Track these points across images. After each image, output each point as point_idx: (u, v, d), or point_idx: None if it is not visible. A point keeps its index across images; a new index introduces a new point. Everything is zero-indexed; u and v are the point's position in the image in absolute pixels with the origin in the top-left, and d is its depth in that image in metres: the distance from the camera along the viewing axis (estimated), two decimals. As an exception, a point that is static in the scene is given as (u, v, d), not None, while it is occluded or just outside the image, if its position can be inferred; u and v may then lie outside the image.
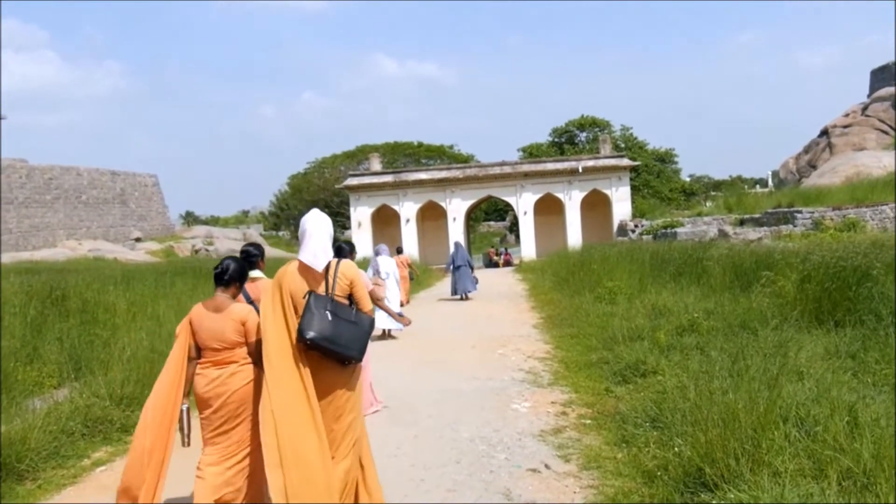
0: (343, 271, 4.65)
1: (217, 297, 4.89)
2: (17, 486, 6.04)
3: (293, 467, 4.24)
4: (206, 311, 4.83)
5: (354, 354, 4.49)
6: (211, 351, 4.77)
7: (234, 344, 4.74)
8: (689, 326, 10.02)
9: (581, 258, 23.27)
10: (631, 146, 59.21)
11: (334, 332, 4.39)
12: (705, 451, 4.90)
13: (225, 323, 4.75)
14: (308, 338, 4.32)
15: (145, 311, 13.31)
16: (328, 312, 4.43)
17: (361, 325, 4.56)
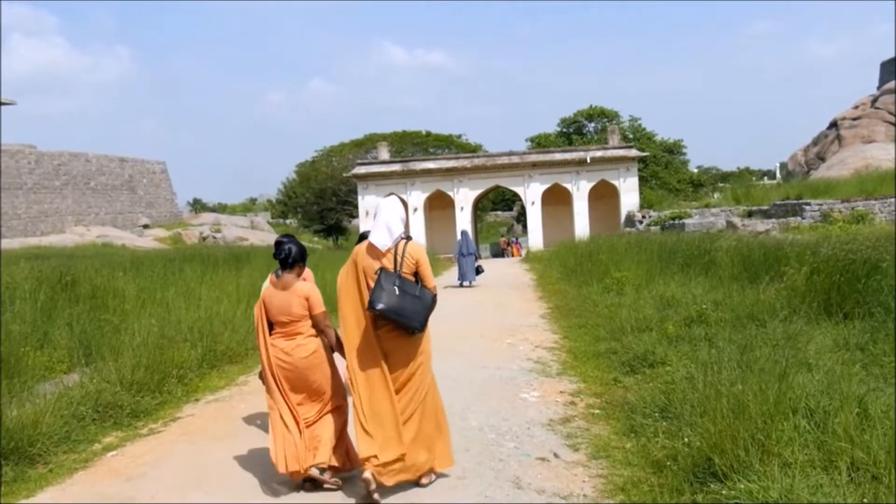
0: (410, 251, 5.26)
1: (284, 277, 5.53)
2: (28, 469, 6.08)
3: (371, 423, 5.07)
4: (275, 289, 5.52)
5: (417, 325, 5.11)
6: (280, 324, 5.46)
7: (299, 317, 5.41)
8: (697, 317, 10.02)
9: (589, 249, 23.26)
10: (639, 137, 59.07)
11: (400, 304, 5.02)
12: (714, 442, 4.90)
13: (291, 298, 5.42)
14: (377, 309, 4.98)
15: (154, 297, 13.35)
16: (396, 287, 5.06)
17: (424, 300, 5.17)
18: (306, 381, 5.41)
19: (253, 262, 20.75)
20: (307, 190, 60.32)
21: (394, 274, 5.14)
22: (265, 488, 5.49)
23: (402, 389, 5.23)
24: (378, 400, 5.15)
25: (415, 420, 5.24)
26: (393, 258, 5.21)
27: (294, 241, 5.72)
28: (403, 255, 5.22)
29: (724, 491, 4.41)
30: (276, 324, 5.49)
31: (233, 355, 10.55)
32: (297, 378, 5.40)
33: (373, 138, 65.28)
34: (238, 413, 7.85)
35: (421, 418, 5.26)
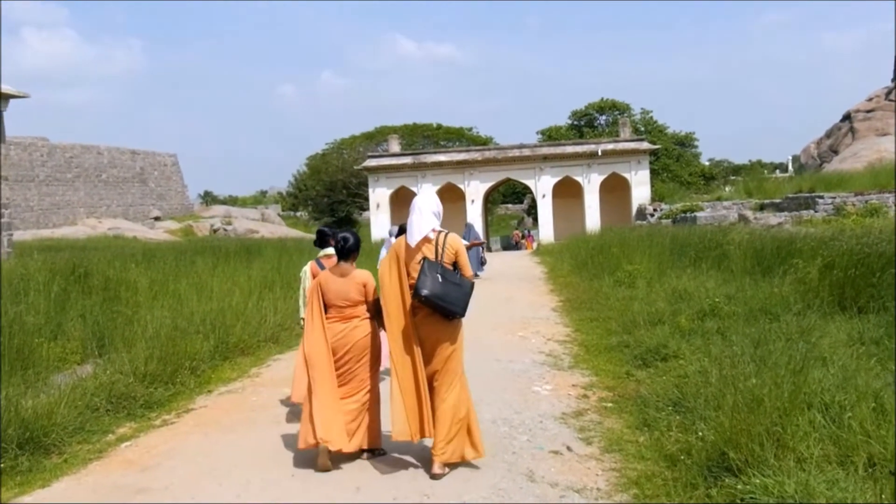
0: (450, 242, 5.63)
1: (342, 265, 5.94)
2: (43, 459, 6.11)
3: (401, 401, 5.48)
4: (333, 276, 5.90)
5: (458, 310, 5.49)
6: (337, 308, 5.85)
7: (356, 302, 5.85)
8: (709, 311, 9.98)
9: (600, 242, 23.21)
10: (651, 129, 58.81)
11: (443, 291, 5.38)
12: (729, 436, 4.88)
13: (350, 285, 5.85)
14: (423, 295, 5.32)
15: (166, 289, 13.40)
16: (439, 276, 5.42)
17: (464, 287, 5.55)
18: (357, 360, 5.84)
19: (264, 254, 20.78)
20: (318, 182, 60.41)
21: (437, 263, 5.51)
22: (284, 474, 5.51)
23: (437, 374, 5.60)
24: (412, 384, 5.53)
25: (447, 406, 5.54)
26: (434, 249, 5.57)
27: (352, 232, 6.14)
28: (444, 246, 5.59)
29: (739, 486, 4.39)
30: (331, 307, 5.87)
31: (245, 347, 10.57)
32: (349, 358, 5.82)
33: (383, 131, 65.20)
34: (250, 404, 7.88)
35: (452, 405, 5.55)
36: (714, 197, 37.54)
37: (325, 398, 5.72)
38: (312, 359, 5.82)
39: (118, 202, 56.51)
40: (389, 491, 5.17)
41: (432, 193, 5.98)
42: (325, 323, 5.83)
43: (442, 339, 5.57)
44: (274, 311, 12.43)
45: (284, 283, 15.47)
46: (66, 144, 53.57)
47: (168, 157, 64.27)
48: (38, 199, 49.75)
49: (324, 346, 5.79)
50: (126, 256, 17.28)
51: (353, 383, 5.87)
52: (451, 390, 5.56)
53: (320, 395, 5.73)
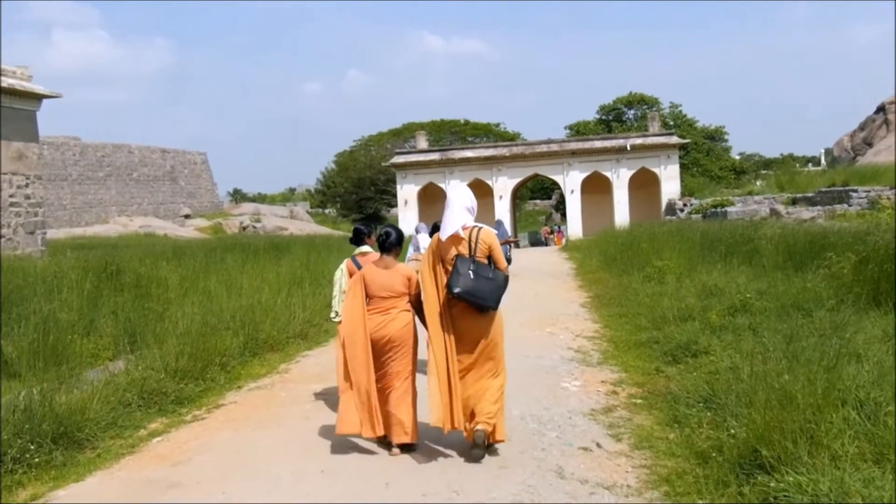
0: (483, 237, 5.77)
1: (385, 258, 6.14)
2: (77, 454, 6.18)
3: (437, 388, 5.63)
4: (377, 269, 6.08)
5: (491, 304, 5.65)
6: (378, 299, 6.01)
7: (400, 294, 6.02)
8: (740, 307, 9.87)
9: (629, 237, 23.06)
10: (680, 124, 58.42)
11: (475, 286, 5.55)
12: (761, 433, 4.82)
13: (394, 278, 6.02)
14: (454, 292, 5.53)
15: (197, 286, 13.49)
16: (470, 271, 5.59)
17: (497, 281, 5.68)
18: (396, 350, 6.00)
19: (292, 251, 20.87)
20: (346, 179, 60.65)
21: (468, 259, 5.67)
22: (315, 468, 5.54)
23: (474, 365, 5.77)
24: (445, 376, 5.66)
25: (481, 394, 5.73)
26: (468, 244, 5.72)
27: (394, 227, 6.37)
28: (477, 241, 5.74)
29: (772, 483, 4.34)
30: (373, 299, 6.03)
31: (274, 343, 10.63)
32: (389, 347, 5.97)
33: (411, 127, 65.28)
34: (280, 401, 7.92)
35: (485, 394, 5.73)
36: (745, 191, 37.14)
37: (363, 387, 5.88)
38: (351, 349, 5.96)
39: (149, 200, 57.07)
40: (419, 487, 5.17)
41: (466, 189, 6.07)
42: (367, 314, 5.98)
43: (478, 332, 5.73)
44: (303, 307, 12.48)
45: (313, 280, 15.54)
46: (98, 144, 54.20)
47: (198, 155, 64.79)
48: (71, 197, 50.40)
49: (363, 337, 5.92)
50: (157, 254, 17.44)
51: (392, 373, 6.02)
52: (491, 378, 5.77)
53: (358, 384, 5.90)
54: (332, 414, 7.22)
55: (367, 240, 7.28)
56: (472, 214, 5.86)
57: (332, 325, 12.55)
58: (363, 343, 5.92)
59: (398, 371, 6.02)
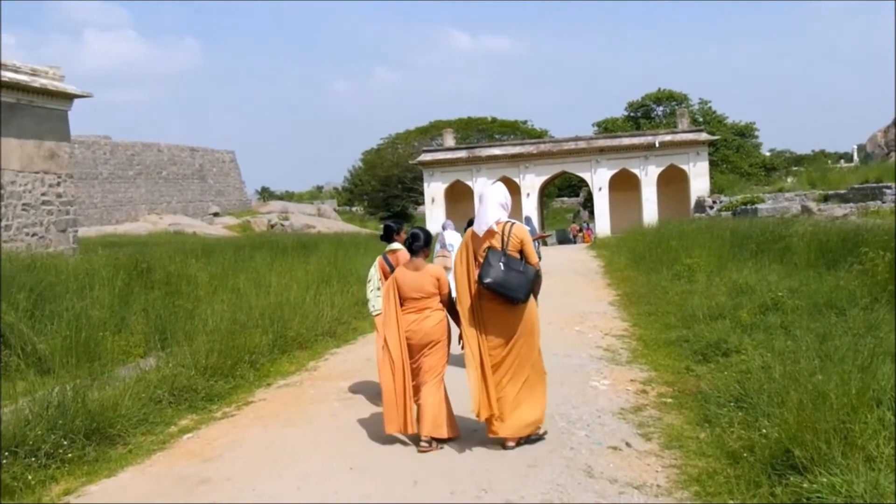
0: (515, 232, 5.95)
1: (415, 260, 6.33)
2: (109, 450, 6.26)
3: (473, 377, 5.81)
4: (407, 270, 6.29)
5: (520, 297, 5.76)
6: (411, 300, 6.20)
7: (430, 294, 6.20)
8: (772, 305, 9.77)
9: (658, 235, 22.91)
10: (709, 120, 57.90)
11: (505, 278, 5.71)
12: (794, 433, 4.76)
13: (424, 278, 6.21)
14: (485, 283, 5.70)
15: (225, 283, 13.59)
16: (501, 264, 5.75)
17: (527, 274, 5.81)
18: (429, 348, 6.17)
19: (320, 249, 20.95)
20: (373, 177, 60.77)
21: (500, 252, 5.84)
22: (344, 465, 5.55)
23: (505, 358, 5.90)
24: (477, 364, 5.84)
25: (514, 387, 5.88)
26: (500, 238, 5.89)
27: (421, 229, 6.57)
28: (510, 236, 5.90)
29: (805, 484, 4.29)
30: (406, 300, 6.23)
31: (302, 341, 10.68)
32: (421, 344, 6.15)
33: (438, 125, 65.29)
34: (309, 398, 7.95)
35: (521, 386, 5.89)
36: (776, 188, 36.76)
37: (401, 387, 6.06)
38: (390, 351, 6.15)
39: (178, 198, 57.56)
40: (447, 485, 5.17)
41: (501, 186, 6.28)
42: (400, 314, 6.19)
43: (509, 325, 5.88)
44: (331, 305, 12.53)
45: (341, 278, 15.60)
46: (128, 143, 54.75)
47: (226, 153, 65.24)
48: (102, 196, 50.97)
49: (397, 339, 6.14)
50: (186, 252, 17.57)
51: (425, 369, 6.18)
52: (520, 372, 5.91)
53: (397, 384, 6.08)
54: (361, 411, 7.27)
55: (396, 236, 7.50)
56: (505, 210, 6.04)
57: (361, 324, 12.70)
58: (398, 344, 6.12)
59: (430, 367, 6.17)
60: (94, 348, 8.72)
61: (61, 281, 11.20)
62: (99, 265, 13.08)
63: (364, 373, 9.02)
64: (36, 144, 19.94)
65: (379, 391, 8.08)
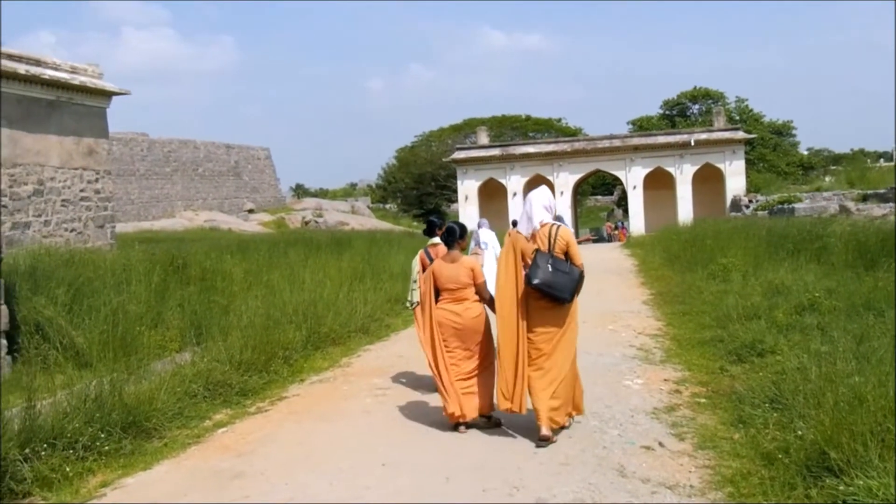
0: (561, 234, 6.16)
1: (452, 253, 6.61)
2: (145, 443, 6.34)
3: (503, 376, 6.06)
4: (444, 262, 6.60)
5: (566, 297, 6.01)
6: (448, 291, 6.51)
7: (465, 285, 6.48)
8: (808, 306, 9.65)
9: (693, 234, 22.72)
10: (746, 118, 57.26)
11: (553, 279, 5.93)
12: (830, 435, 4.70)
13: (460, 270, 6.51)
14: (533, 283, 5.90)
15: (260, 279, 13.71)
16: (549, 265, 5.96)
17: (573, 275, 6.05)
18: (470, 338, 6.46)
19: (354, 246, 21.03)
20: (406, 175, 60.86)
21: (547, 254, 6.05)
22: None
23: (552, 352, 6.08)
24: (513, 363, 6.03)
25: (556, 379, 6.04)
26: (547, 240, 6.10)
27: (457, 223, 6.86)
28: (556, 238, 6.12)
29: (841, 487, 4.23)
30: (444, 291, 6.54)
31: (336, 337, 10.74)
32: (463, 336, 6.45)
33: (472, 123, 65.23)
34: (342, 394, 8.00)
35: (562, 378, 6.05)
36: (813, 188, 36.32)
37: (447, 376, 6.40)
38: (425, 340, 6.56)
39: (214, 195, 58.06)
40: (479, 482, 5.17)
41: (546, 189, 6.56)
42: (440, 305, 6.53)
43: (552, 323, 6.09)
44: (364, 302, 12.57)
45: (374, 275, 15.65)
46: (165, 139, 55.32)
47: (261, 150, 65.70)
48: (139, 192, 51.56)
49: (432, 327, 6.49)
50: (221, 248, 17.72)
51: (469, 358, 6.47)
52: (563, 366, 6.08)
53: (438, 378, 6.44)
54: (393, 408, 7.30)
55: (438, 231, 7.82)
56: (550, 212, 6.29)
57: (393, 321, 12.75)
58: (432, 332, 6.47)
59: (474, 356, 6.48)
60: (131, 343, 8.84)
61: (99, 276, 11.35)
62: (136, 261, 13.23)
63: (396, 369, 9.06)
64: (75, 141, 20.23)
65: (411, 386, 8.17)
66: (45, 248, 14.18)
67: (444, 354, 6.45)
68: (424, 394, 7.78)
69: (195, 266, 13.74)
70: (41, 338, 8.99)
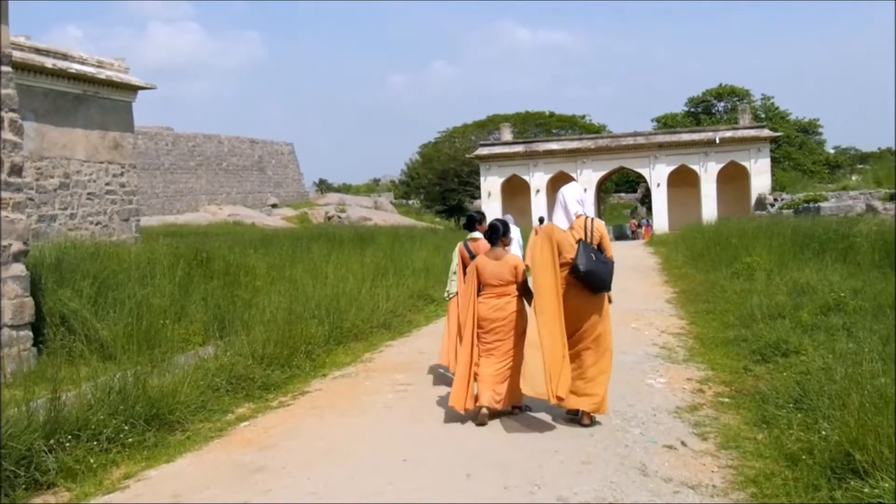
0: (597, 227, 6.46)
1: (495, 250, 6.85)
2: (168, 436, 6.37)
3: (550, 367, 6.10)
4: (488, 259, 6.83)
5: (606, 285, 6.34)
6: (490, 287, 6.75)
7: (508, 282, 6.73)
8: (834, 306, 9.57)
9: (717, 232, 22.57)
10: (772, 116, 56.86)
11: (596, 267, 6.20)
12: (855, 437, 4.65)
13: (504, 267, 6.76)
14: (582, 271, 6.13)
15: (283, 274, 13.75)
16: (592, 255, 6.22)
17: (609, 265, 6.38)
18: (506, 332, 6.69)
19: (377, 241, 21.08)
20: (429, 171, 60.80)
21: (589, 244, 6.29)
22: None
23: (587, 343, 6.36)
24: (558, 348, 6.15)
25: (596, 366, 6.34)
26: (583, 232, 6.37)
27: (501, 221, 7.04)
28: (592, 230, 6.40)
29: (866, 489, 4.19)
30: (486, 286, 6.78)
31: (358, 333, 10.76)
32: (499, 330, 6.69)
33: (495, 119, 65.07)
34: (364, 389, 8.01)
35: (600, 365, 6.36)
36: (839, 186, 35.91)
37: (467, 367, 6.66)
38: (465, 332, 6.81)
39: (237, 189, 58.41)
40: (500, 479, 5.16)
41: (576, 184, 6.91)
42: (480, 299, 6.78)
43: (591, 311, 6.35)
44: (386, 297, 12.58)
45: (397, 271, 15.67)
46: (190, 134, 55.70)
47: (285, 145, 65.98)
48: (163, 186, 51.95)
49: (471, 322, 6.75)
50: (245, 242, 17.83)
51: (503, 350, 6.70)
52: (601, 354, 6.38)
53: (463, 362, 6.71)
54: (415, 403, 7.31)
55: (478, 226, 8.09)
56: (582, 206, 6.54)
57: (416, 317, 12.77)
58: (470, 326, 6.74)
59: (508, 350, 6.68)
60: (155, 336, 8.90)
61: (124, 269, 11.44)
62: (160, 254, 13.32)
63: (418, 365, 9.07)
64: (101, 135, 20.42)
65: (433, 383, 8.17)
66: (71, 241, 14.31)
67: (477, 347, 6.72)
68: (446, 390, 7.77)
69: (219, 260, 13.82)
70: (66, 330, 9.08)
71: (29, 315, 8.77)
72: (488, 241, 7.02)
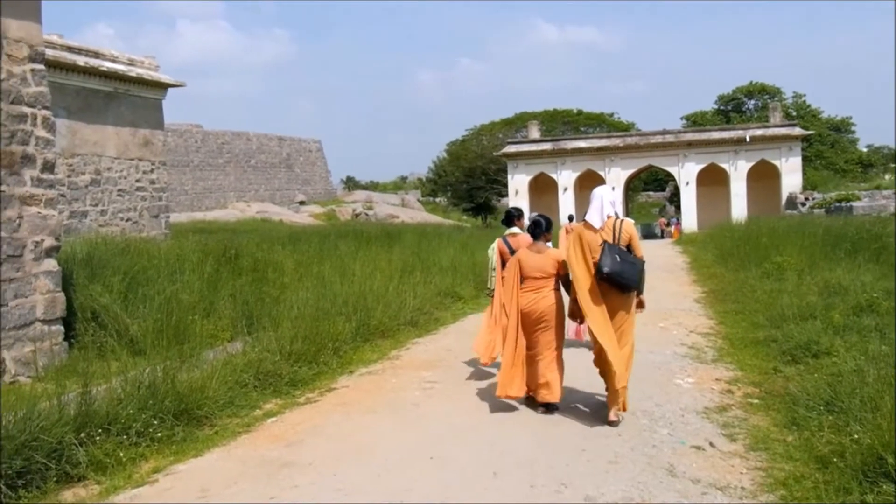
0: (625, 227, 6.55)
1: (537, 244, 7.03)
2: (196, 430, 6.42)
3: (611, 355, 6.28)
4: (530, 253, 6.99)
5: (634, 285, 6.39)
6: (531, 279, 6.90)
7: (550, 275, 6.90)
8: (866, 306, 9.44)
9: (746, 231, 22.37)
10: (803, 114, 56.22)
11: (621, 268, 6.26)
12: (887, 440, 4.60)
13: (546, 260, 6.92)
14: (605, 272, 6.23)
15: (310, 271, 13.78)
16: (617, 256, 6.28)
17: (637, 265, 6.43)
18: (546, 323, 6.83)
19: (404, 239, 21.09)
20: (457, 168, 60.76)
21: (615, 245, 6.39)
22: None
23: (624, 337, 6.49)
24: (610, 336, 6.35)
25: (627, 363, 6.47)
26: (612, 233, 6.47)
27: (543, 216, 7.21)
28: (620, 231, 6.49)
29: (900, 493, 4.13)
30: (527, 279, 6.93)
31: (385, 330, 10.77)
32: (539, 321, 6.82)
33: (523, 117, 64.92)
34: (390, 387, 8.02)
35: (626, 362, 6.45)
36: (872, 186, 35.47)
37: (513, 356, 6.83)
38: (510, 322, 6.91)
39: (266, 186, 58.77)
40: (527, 478, 5.15)
41: (608, 186, 7.06)
42: (522, 291, 6.91)
43: (618, 309, 6.46)
44: (413, 295, 12.57)
45: (424, 268, 15.65)
46: (219, 131, 56.12)
47: (313, 143, 66.28)
48: (193, 183, 52.41)
49: (516, 313, 6.88)
50: (273, 239, 17.90)
51: (542, 343, 6.86)
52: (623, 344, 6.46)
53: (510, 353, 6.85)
54: (441, 401, 7.31)
55: (516, 222, 8.32)
56: (614, 207, 6.63)
57: (442, 314, 12.76)
58: (515, 316, 6.86)
59: (548, 342, 6.84)
60: (184, 331, 8.96)
61: (153, 265, 11.54)
62: (189, 250, 13.43)
63: (445, 363, 9.07)
64: (131, 132, 20.63)
65: (460, 380, 8.17)
66: (102, 237, 14.46)
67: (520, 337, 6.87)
68: (473, 388, 7.78)
69: (247, 257, 13.90)
70: (97, 325, 9.18)
71: (60, 310, 8.88)
72: (531, 235, 7.16)
